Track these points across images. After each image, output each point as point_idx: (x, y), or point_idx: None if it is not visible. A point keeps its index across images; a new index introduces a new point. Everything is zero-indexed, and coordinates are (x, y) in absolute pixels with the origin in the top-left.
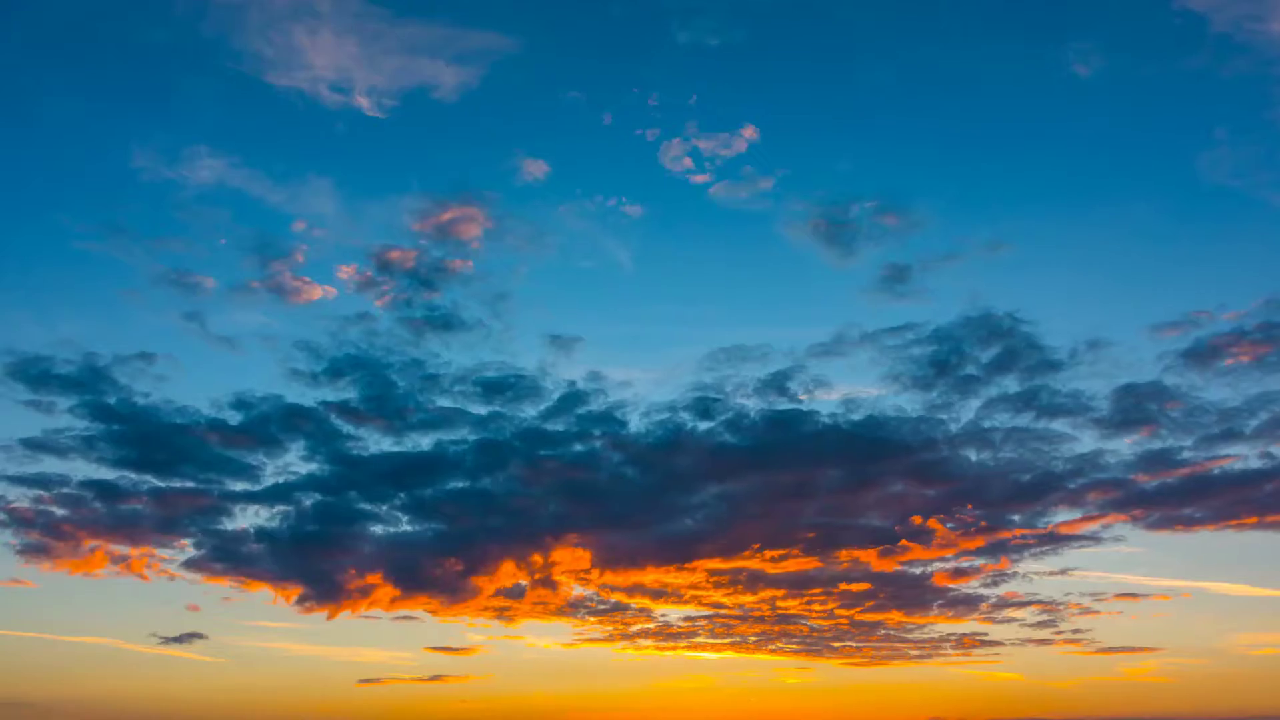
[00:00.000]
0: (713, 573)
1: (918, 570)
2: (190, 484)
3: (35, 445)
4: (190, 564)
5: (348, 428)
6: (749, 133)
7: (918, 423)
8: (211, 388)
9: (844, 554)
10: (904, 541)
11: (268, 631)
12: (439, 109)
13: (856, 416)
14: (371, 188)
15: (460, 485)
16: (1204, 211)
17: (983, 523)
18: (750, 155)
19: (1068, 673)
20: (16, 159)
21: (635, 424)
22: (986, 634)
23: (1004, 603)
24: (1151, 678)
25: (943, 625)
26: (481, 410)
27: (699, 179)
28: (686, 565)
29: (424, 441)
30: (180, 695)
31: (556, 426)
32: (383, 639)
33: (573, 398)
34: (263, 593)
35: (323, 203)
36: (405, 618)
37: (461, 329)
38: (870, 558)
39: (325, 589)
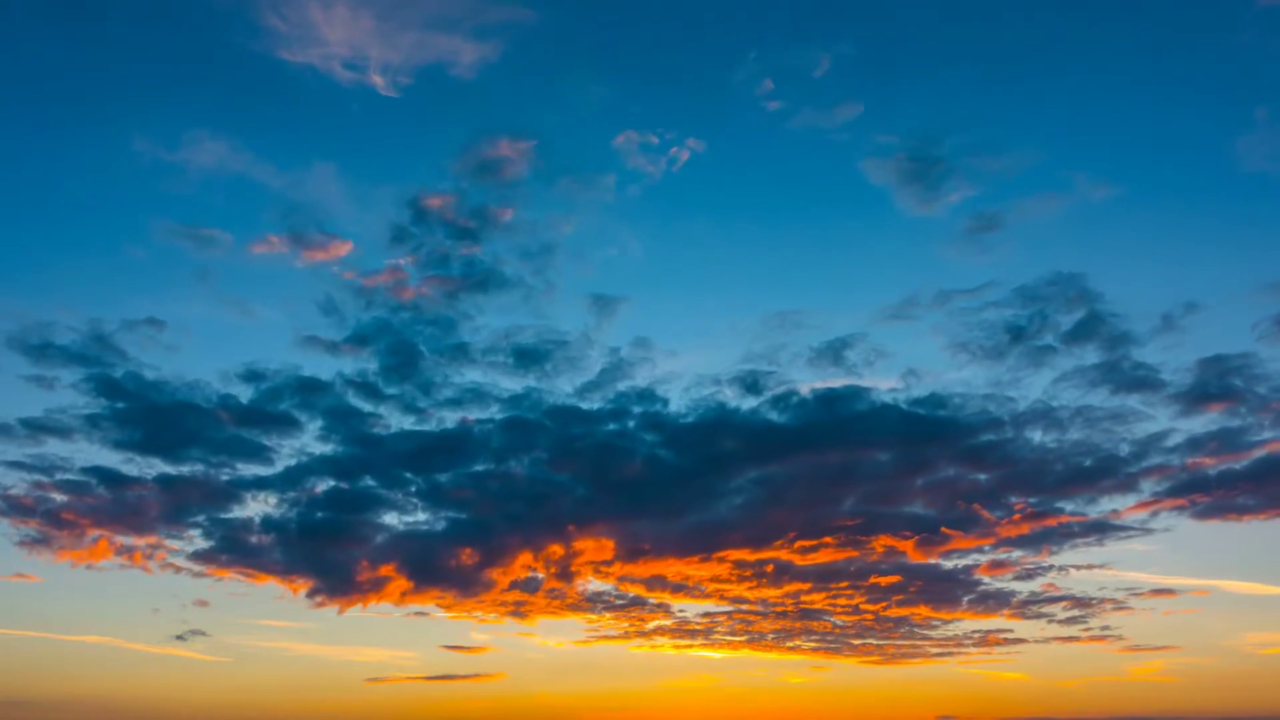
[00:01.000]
0: (738, 565)
1: (952, 563)
2: (200, 467)
3: (36, 426)
4: (197, 556)
5: (367, 405)
6: (826, 61)
7: (983, 400)
8: (223, 357)
9: (880, 544)
10: (945, 529)
11: (274, 630)
12: (456, 86)
13: (916, 393)
14: (384, 171)
15: (483, 468)
16: None
17: (1030, 510)
18: (829, 81)
19: (1075, 672)
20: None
21: (676, 401)
22: (1011, 630)
23: (1036, 598)
24: (1159, 677)
25: (968, 622)
26: (513, 385)
27: (772, 105)
28: (713, 556)
29: (449, 419)
30: (183, 695)
31: (592, 404)
32: (391, 637)
33: (613, 369)
34: (270, 585)
35: (329, 188)
36: (417, 613)
37: (498, 288)
38: (907, 548)
39: (336, 582)
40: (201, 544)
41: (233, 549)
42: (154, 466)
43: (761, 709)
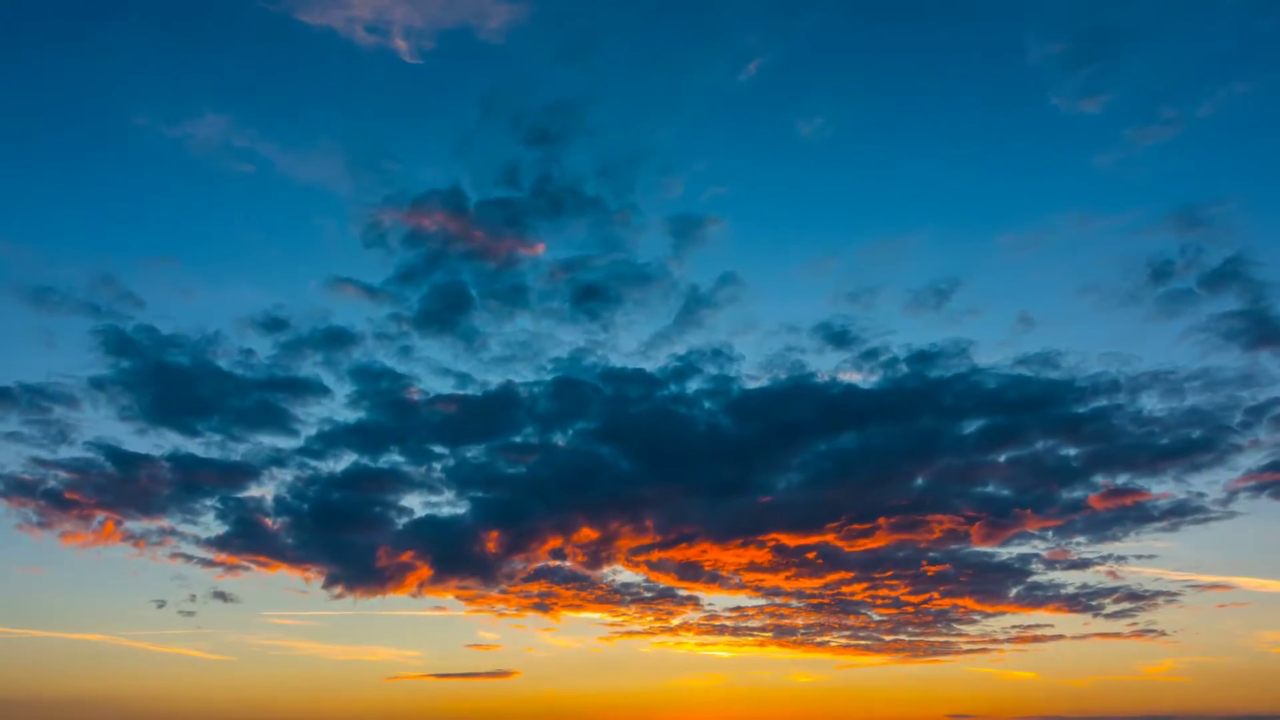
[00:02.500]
0: (779, 551)
1: (1010, 550)
2: (216, 438)
3: (38, 392)
4: (209, 543)
5: (401, 364)
6: None
7: (1101, 358)
8: (242, 302)
9: (941, 526)
10: (1017, 510)
11: (285, 629)
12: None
13: (1025, 348)
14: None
15: (522, 440)
16: None
17: (1111, 489)
18: None
19: (1085, 671)
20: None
21: (751, 357)
22: (1052, 625)
23: (1086, 590)
24: (1169, 677)
25: (1010, 616)
26: (571, 336)
27: None
28: (755, 540)
29: (492, 380)
30: (190, 692)
31: (656, 361)
32: (405, 635)
33: (690, 314)
34: (284, 575)
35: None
36: (435, 607)
37: (569, 212)
38: (971, 531)
39: (353, 570)
40: (214, 528)
41: (247, 534)
42: (165, 439)
43: (769, 709)
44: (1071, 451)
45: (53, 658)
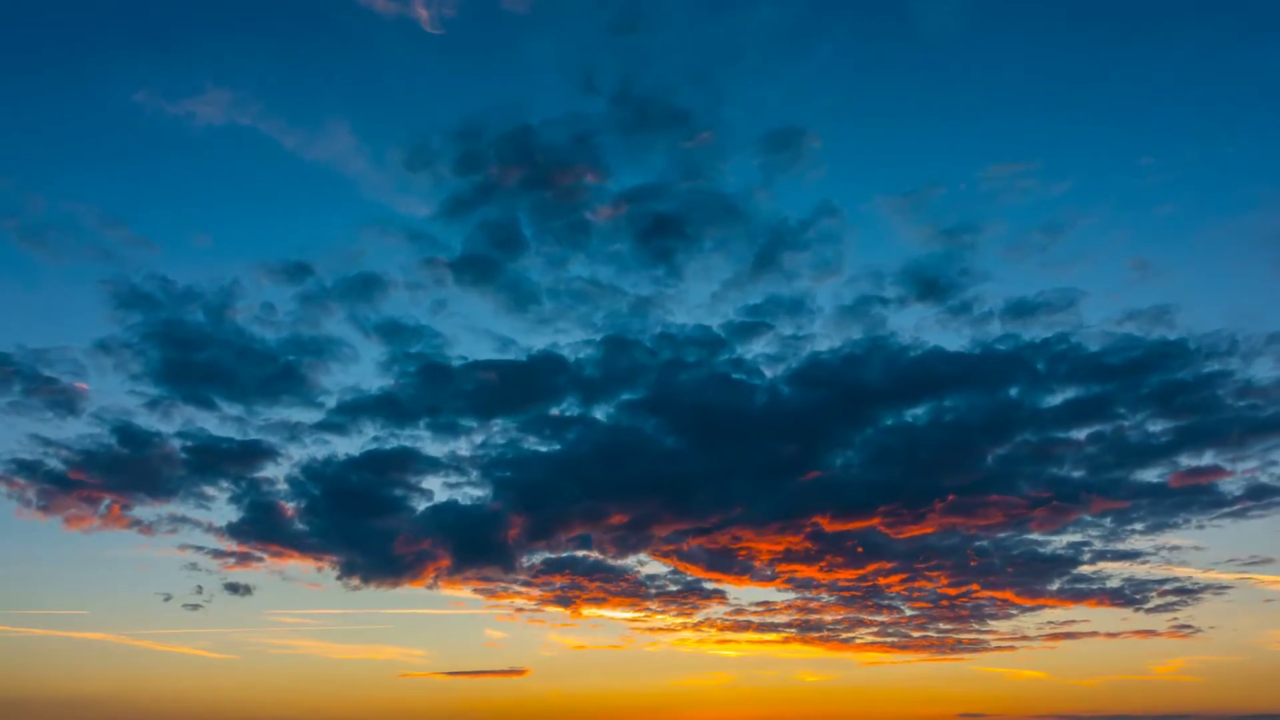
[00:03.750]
0: (818, 537)
1: (1065, 538)
2: (236, 410)
3: (40, 357)
4: (220, 531)
5: (437, 321)
6: None
7: (1222, 314)
8: (266, 245)
9: (1000, 511)
10: (1084, 494)
11: (286, 627)
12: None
13: (1137, 301)
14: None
15: (560, 412)
16: None
17: (1190, 469)
18: None
19: (1094, 670)
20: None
21: (827, 310)
22: (1088, 621)
23: (1133, 581)
24: (1181, 676)
25: (1048, 611)
26: (633, 286)
27: None
28: (798, 522)
29: (536, 342)
30: (198, 691)
31: (723, 315)
32: (411, 634)
33: (771, 255)
34: (297, 565)
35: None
36: (451, 604)
37: (641, 128)
38: (1036, 515)
39: (368, 560)
40: (227, 513)
41: (260, 521)
42: (177, 413)
43: (783, 709)
44: (1159, 426)
45: (58, 656)
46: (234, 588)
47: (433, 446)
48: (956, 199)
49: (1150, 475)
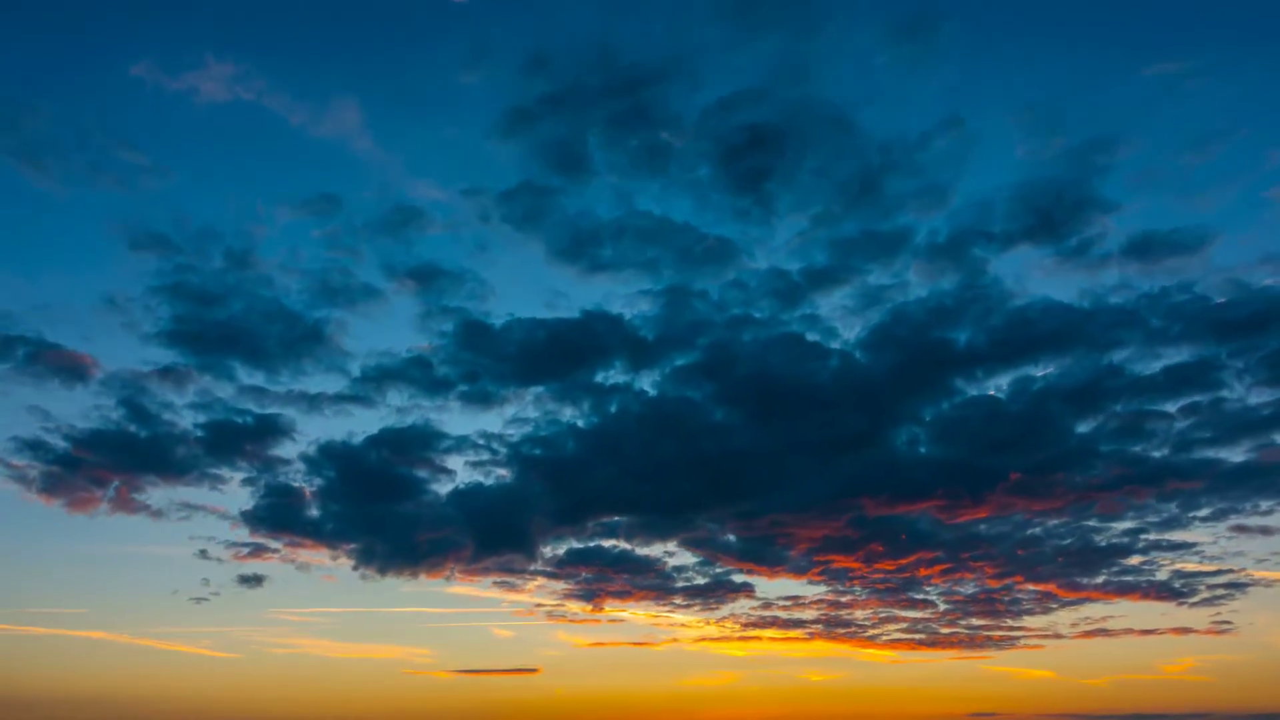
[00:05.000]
0: (860, 524)
1: (1125, 524)
2: (257, 378)
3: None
4: (235, 519)
5: (483, 269)
6: None
7: None
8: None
9: (1065, 494)
10: (1160, 475)
11: (294, 626)
12: None
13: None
14: None
15: (602, 379)
16: None
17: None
18: None
19: (1102, 670)
20: None
21: (924, 251)
22: (1124, 617)
23: (1183, 575)
24: (1190, 675)
25: (1088, 606)
26: (709, 225)
27: None
28: (843, 504)
29: (589, 294)
30: (201, 690)
31: (808, 254)
32: (421, 632)
33: (882, 172)
34: (308, 554)
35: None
36: (463, 605)
37: (752, 13)
38: (1099, 499)
39: (386, 549)
40: (242, 497)
41: (275, 506)
42: (191, 382)
43: (783, 709)
44: (1263, 397)
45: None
46: (245, 579)
47: (460, 421)
48: (1095, 109)
49: (1235, 454)
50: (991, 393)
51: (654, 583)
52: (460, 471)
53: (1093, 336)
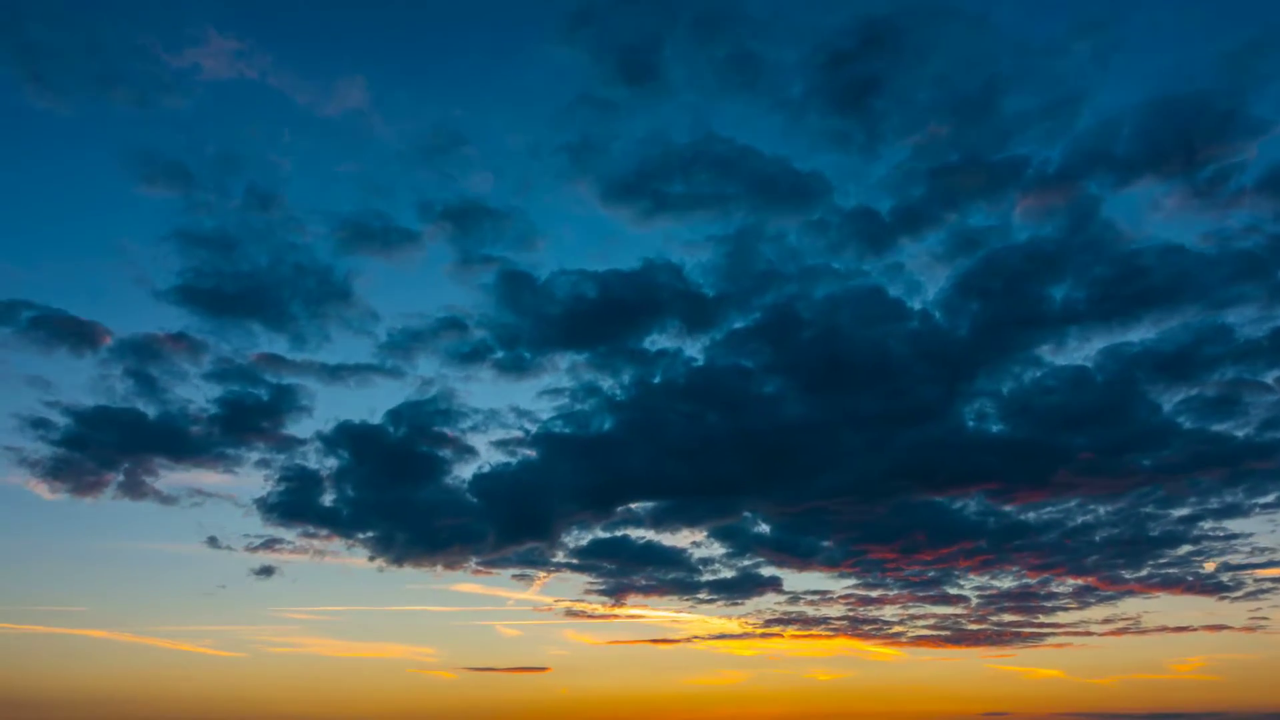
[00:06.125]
0: (907, 510)
1: (1185, 509)
2: (281, 343)
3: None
4: (249, 506)
5: (530, 205)
6: None
7: None
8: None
9: (1135, 477)
10: (1241, 455)
11: (301, 625)
12: None
13: None
14: None
15: (648, 344)
16: None
17: None
18: None
19: (1111, 669)
20: None
21: (1034, 183)
22: (1160, 613)
23: (1230, 567)
24: (1199, 675)
25: (1127, 601)
26: (798, 152)
27: None
28: (889, 487)
29: (647, 246)
30: (205, 689)
31: (896, 192)
32: (428, 630)
33: (1006, 80)
34: (319, 545)
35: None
36: (474, 603)
37: None
38: (1169, 482)
39: (403, 540)
40: (255, 481)
41: (290, 493)
42: (206, 353)
43: (793, 709)
44: None
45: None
46: (257, 571)
47: (490, 394)
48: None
49: None
50: (1078, 361)
51: (678, 577)
52: (484, 451)
53: (1208, 289)
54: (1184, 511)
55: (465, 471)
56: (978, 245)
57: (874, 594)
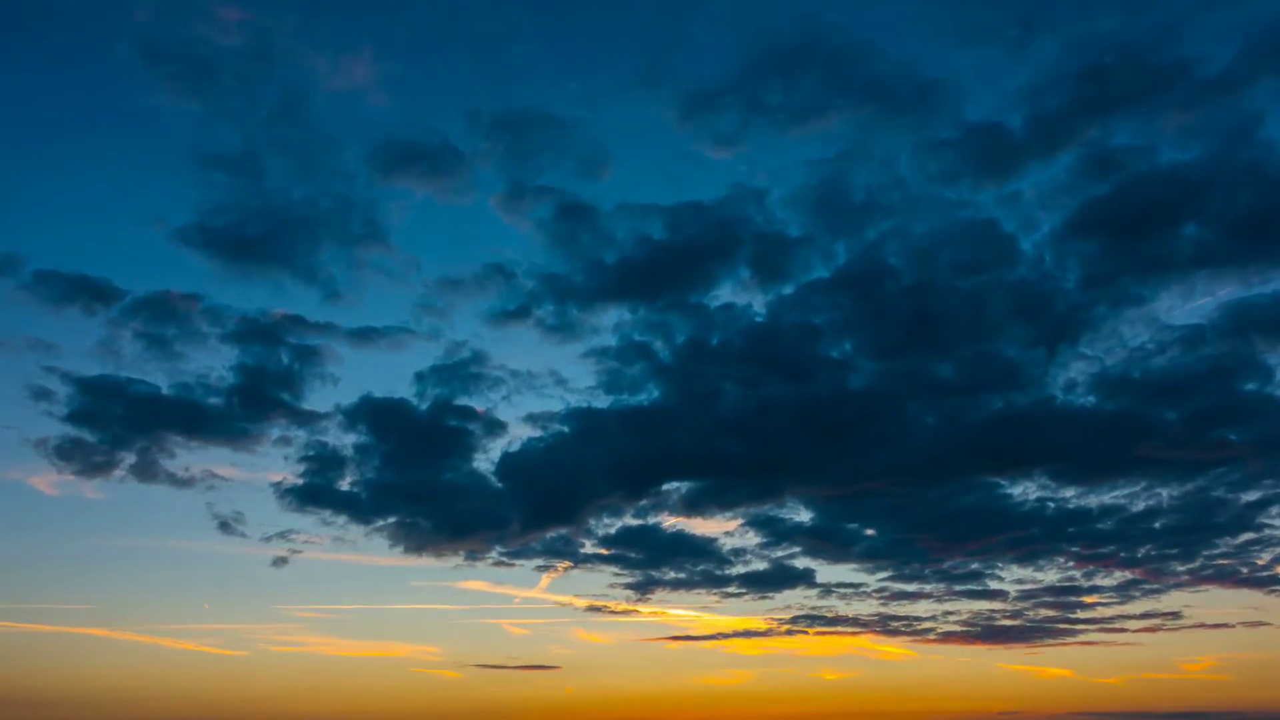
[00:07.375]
0: (964, 491)
1: (1252, 493)
2: (295, 293)
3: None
4: (265, 490)
5: (595, 119)
6: None
7: None
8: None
9: (1222, 453)
10: None
11: (306, 624)
12: None
13: None
14: None
15: (708, 299)
16: None
17: None
18: None
19: (1120, 669)
20: None
21: (1195, 88)
22: (1201, 609)
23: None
24: (1209, 675)
25: (1171, 596)
26: (924, 60)
27: None
28: (946, 463)
29: (730, 171)
30: (206, 689)
31: (1037, 101)
32: (432, 630)
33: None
34: (338, 529)
35: None
36: (483, 597)
37: None
38: (1254, 462)
39: (425, 526)
40: (274, 459)
41: (310, 475)
42: (227, 313)
43: (803, 709)
44: None
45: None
46: (271, 562)
47: (528, 357)
48: None
49: None
50: (1198, 320)
51: (706, 569)
52: (514, 426)
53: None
54: (1253, 496)
55: (493, 449)
56: (1114, 168)
57: (910, 588)
